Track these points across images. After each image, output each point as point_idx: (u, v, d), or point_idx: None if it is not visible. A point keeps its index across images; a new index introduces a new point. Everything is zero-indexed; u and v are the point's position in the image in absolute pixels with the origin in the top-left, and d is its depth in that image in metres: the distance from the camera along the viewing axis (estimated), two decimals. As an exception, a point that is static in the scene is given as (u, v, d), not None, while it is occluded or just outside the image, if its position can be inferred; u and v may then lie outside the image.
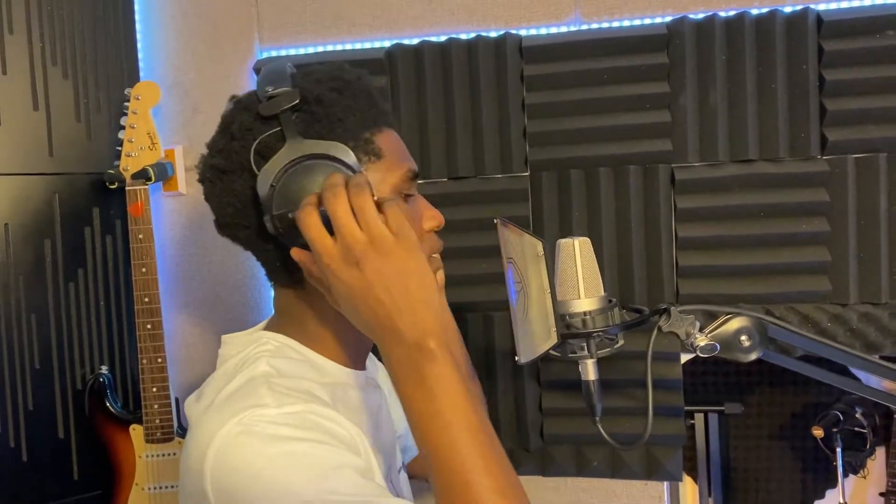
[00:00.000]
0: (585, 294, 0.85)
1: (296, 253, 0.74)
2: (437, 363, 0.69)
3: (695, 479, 1.49)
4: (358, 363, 0.86)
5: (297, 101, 0.76)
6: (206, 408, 0.74)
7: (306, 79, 0.79)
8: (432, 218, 0.86)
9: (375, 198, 0.72)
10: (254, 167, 0.76)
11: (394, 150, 0.82)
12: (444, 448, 0.68)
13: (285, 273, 0.80)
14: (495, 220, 0.90)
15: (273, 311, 0.88)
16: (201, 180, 0.82)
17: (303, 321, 0.83)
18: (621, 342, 0.88)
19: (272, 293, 0.88)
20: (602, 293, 0.86)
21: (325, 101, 0.77)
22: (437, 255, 0.88)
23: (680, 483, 1.44)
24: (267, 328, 0.86)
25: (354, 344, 0.74)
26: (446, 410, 0.68)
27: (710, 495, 1.47)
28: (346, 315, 0.74)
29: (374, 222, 0.69)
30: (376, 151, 0.80)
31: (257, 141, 0.76)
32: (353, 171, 0.75)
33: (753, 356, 0.89)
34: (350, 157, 0.75)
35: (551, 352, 0.82)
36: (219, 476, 0.69)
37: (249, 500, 0.67)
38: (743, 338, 0.88)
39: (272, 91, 0.76)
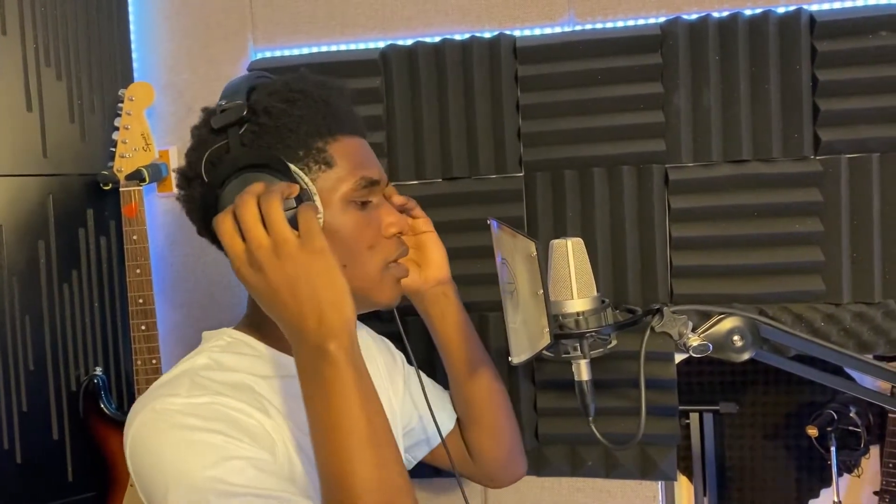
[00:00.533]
0: (578, 294, 0.85)
1: None
2: (335, 366, 0.71)
3: (690, 478, 1.49)
4: None
5: (245, 114, 0.79)
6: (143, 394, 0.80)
7: (262, 91, 0.83)
8: (391, 225, 0.88)
9: (315, 204, 0.77)
10: (205, 176, 0.80)
11: (348, 158, 0.84)
12: (328, 449, 0.71)
13: None
14: (488, 221, 0.90)
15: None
16: (176, 185, 0.87)
17: (261, 317, 0.85)
18: (614, 342, 0.89)
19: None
20: (595, 293, 0.86)
21: (274, 112, 0.80)
22: (400, 262, 0.90)
23: (675, 482, 1.44)
24: (237, 325, 0.90)
25: None
26: (334, 412, 0.71)
27: (705, 494, 1.47)
28: (266, 314, 0.76)
29: (278, 227, 0.72)
30: (327, 160, 0.82)
31: (208, 152, 0.80)
32: (292, 181, 0.78)
33: (746, 356, 0.89)
34: (286, 166, 0.78)
35: (544, 352, 0.82)
36: (133, 456, 0.75)
37: (152, 480, 0.73)
38: (735, 338, 0.89)
39: (224, 105, 0.81)
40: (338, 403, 0.71)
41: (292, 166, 0.79)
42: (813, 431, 1.32)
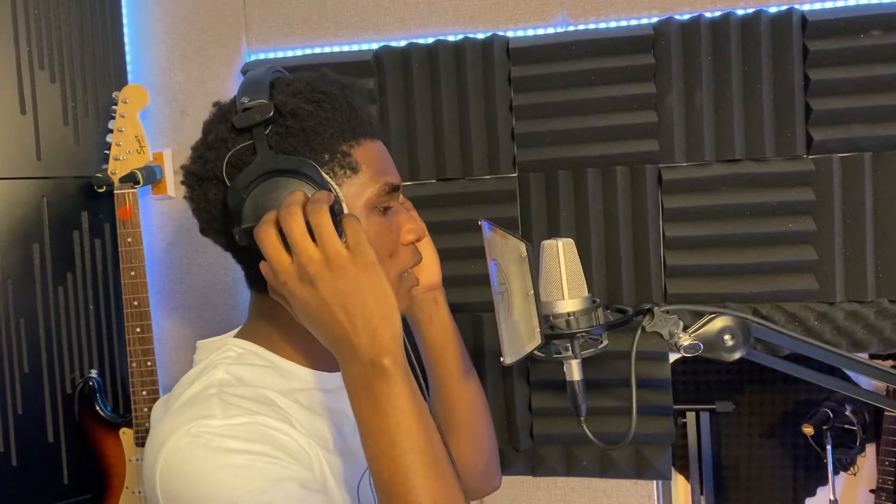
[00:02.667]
0: (569, 295, 0.85)
1: (263, 267, 0.74)
2: (390, 382, 0.70)
3: (687, 477, 1.50)
4: (330, 366, 0.86)
5: (271, 115, 0.76)
6: (163, 414, 0.76)
7: (285, 90, 0.79)
8: (411, 231, 0.86)
9: (345, 213, 0.73)
10: (226, 179, 0.77)
11: (372, 163, 0.81)
12: (388, 466, 0.69)
13: (258, 280, 0.79)
14: (479, 222, 0.90)
15: (248, 316, 0.88)
16: (183, 183, 0.83)
17: (272, 326, 0.84)
18: (605, 342, 0.88)
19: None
20: (586, 294, 0.86)
21: (300, 114, 0.77)
22: (411, 272, 0.88)
23: (672, 481, 1.44)
24: (238, 334, 0.87)
25: (324, 348, 0.75)
26: (393, 429, 0.69)
27: (702, 493, 1.47)
28: (308, 328, 0.74)
29: (330, 240, 0.70)
30: (352, 165, 0.80)
31: (230, 153, 0.77)
32: (322, 187, 0.75)
33: (737, 355, 0.89)
34: (318, 173, 0.76)
35: (536, 353, 0.82)
36: (166, 482, 0.71)
37: None
38: (726, 337, 0.89)
39: (247, 103, 0.77)
40: (396, 420, 0.69)
41: (321, 174, 0.76)
42: (809, 430, 1.32)
